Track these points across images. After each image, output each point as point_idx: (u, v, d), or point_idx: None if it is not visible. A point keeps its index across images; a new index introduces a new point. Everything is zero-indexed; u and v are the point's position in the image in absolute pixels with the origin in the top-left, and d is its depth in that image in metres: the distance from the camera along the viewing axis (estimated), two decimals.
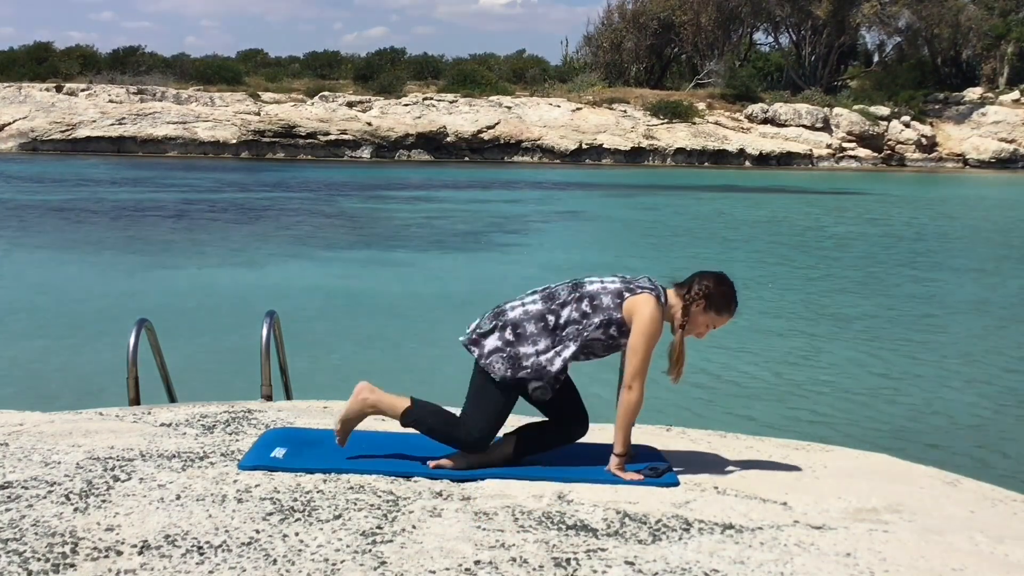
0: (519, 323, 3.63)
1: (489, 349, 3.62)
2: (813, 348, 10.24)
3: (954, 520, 3.35)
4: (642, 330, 3.57)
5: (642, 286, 3.65)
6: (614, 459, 3.63)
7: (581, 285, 3.69)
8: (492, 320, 3.68)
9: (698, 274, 3.72)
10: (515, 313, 3.66)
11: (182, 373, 6.07)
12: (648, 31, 54.59)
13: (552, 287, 3.74)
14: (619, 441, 3.62)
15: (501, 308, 3.72)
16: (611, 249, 18.17)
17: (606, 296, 3.62)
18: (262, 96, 42.87)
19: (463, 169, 38.11)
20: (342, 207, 23.50)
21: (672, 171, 40.40)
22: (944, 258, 17.60)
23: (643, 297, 3.60)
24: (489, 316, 3.71)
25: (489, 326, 3.66)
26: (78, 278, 13.46)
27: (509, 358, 3.60)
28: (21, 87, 40.93)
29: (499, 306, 3.75)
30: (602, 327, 3.61)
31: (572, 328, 3.61)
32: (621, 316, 3.60)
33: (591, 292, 3.65)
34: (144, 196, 24.32)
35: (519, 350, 3.60)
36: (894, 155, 47.35)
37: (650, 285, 3.67)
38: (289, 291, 12.34)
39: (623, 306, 3.60)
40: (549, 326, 3.62)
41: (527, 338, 3.61)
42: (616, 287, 3.64)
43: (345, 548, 2.86)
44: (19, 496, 3.15)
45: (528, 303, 3.68)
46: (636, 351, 3.57)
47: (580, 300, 3.63)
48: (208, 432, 4.05)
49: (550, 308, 3.64)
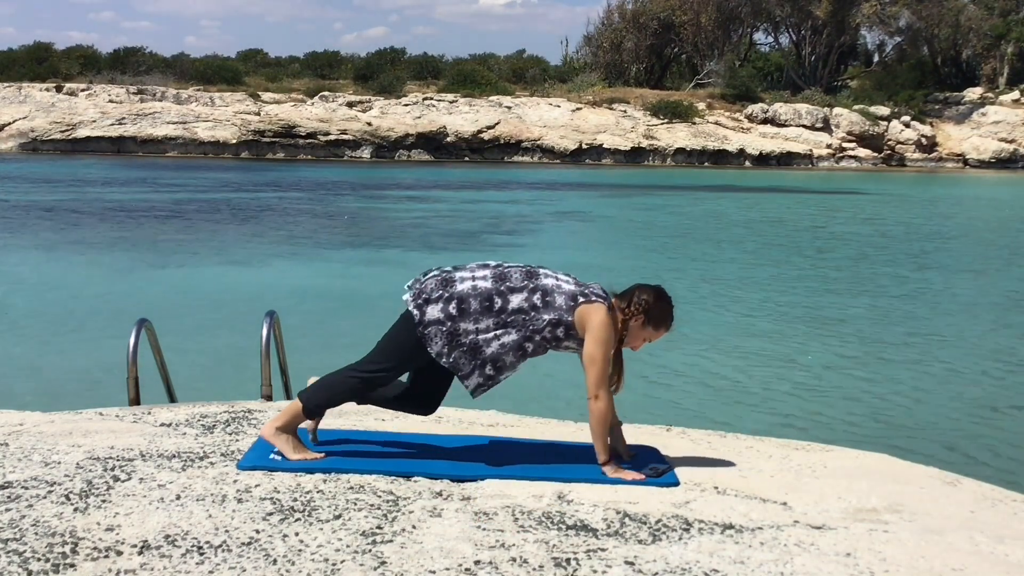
0: (465, 298, 3.58)
1: (430, 319, 3.57)
2: (813, 348, 10.23)
3: (954, 520, 3.35)
4: (597, 339, 3.55)
5: (596, 294, 3.64)
6: (605, 468, 3.62)
7: (536, 275, 3.65)
8: (439, 288, 3.62)
9: (637, 287, 3.71)
10: (463, 286, 3.61)
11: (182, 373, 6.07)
12: (648, 31, 54.60)
13: (505, 267, 3.69)
14: (600, 451, 3.63)
15: (450, 276, 3.66)
16: (610, 249, 18.17)
17: (560, 296, 3.60)
18: (262, 96, 42.89)
19: (463, 169, 38.11)
20: (342, 207, 23.50)
21: (672, 171, 40.41)
22: (943, 258, 17.60)
23: (596, 306, 3.59)
24: (437, 281, 3.65)
25: (436, 294, 3.61)
26: (78, 278, 13.46)
27: (448, 334, 3.56)
28: (21, 87, 40.94)
29: (448, 272, 3.68)
30: (550, 325, 3.58)
31: (519, 317, 3.58)
32: (572, 320, 3.58)
33: (546, 286, 3.61)
34: (144, 196, 24.32)
35: (460, 325, 3.57)
36: (894, 155, 47.36)
37: (602, 294, 3.66)
38: (289, 291, 12.34)
39: (576, 310, 3.58)
40: (495, 308, 3.58)
41: (470, 315, 3.57)
42: (571, 289, 3.62)
43: (345, 548, 2.86)
44: (19, 496, 3.15)
45: (479, 279, 3.63)
46: (594, 360, 3.55)
47: (534, 291, 3.60)
48: (208, 432, 4.05)
49: (499, 289, 3.60)
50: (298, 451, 3.66)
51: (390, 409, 3.90)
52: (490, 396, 3.77)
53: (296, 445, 3.67)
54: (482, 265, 3.71)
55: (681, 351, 9.87)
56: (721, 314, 11.86)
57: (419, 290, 3.64)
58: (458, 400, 4.92)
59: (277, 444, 3.66)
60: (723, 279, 14.50)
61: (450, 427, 4.37)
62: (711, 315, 11.80)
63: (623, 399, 3.85)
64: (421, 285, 3.66)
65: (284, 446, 3.65)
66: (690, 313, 11.96)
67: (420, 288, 3.65)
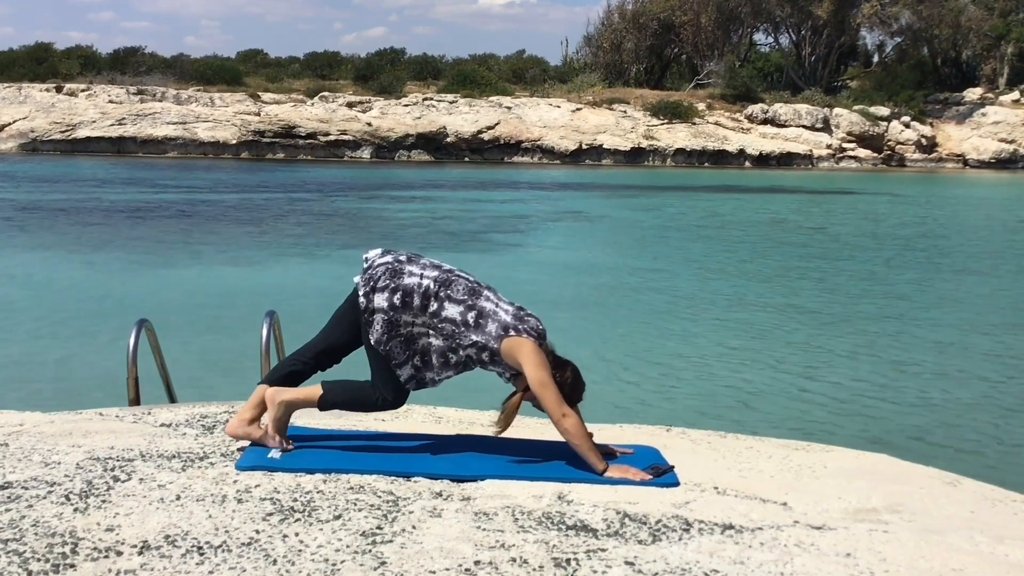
0: (410, 292, 3.63)
1: (376, 306, 3.64)
2: (813, 348, 10.23)
3: (954, 520, 3.34)
4: (535, 363, 3.55)
5: (528, 328, 3.62)
6: (607, 475, 3.60)
7: (479, 294, 3.66)
8: (387, 278, 3.66)
9: (562, 359, 3.69)
10: (409, 280, 3.65)
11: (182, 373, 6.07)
12: (648, 31, 54.62)
13: (455, 274, 3.71)
14: (593, 462, 3.61)
15: (400, 266, 3.69)
16: (610, 249, 18.16)
17: (493, 323, 3.60)
18: (262, 96, 42.88)
19: (463, 170, 38.10)
20: (342, 207, 23.50)
21: (672, 172, 40.41)
22: (943, 258, 17.59)
23: (524, 341, 3.58)
24: (388, 271, 3.68)
25: (382, 283, 3.65)
26: (78, 278, 13.46)
27: (388, 323, 3.62)
28: (21, 87, 40.92)
29: (399, 263, 3.71)
30: (474, 347, 3.61)
31: (449, 327, 3.62)
32: (498, 348, 3.59)
33: (483, 308, 3.63)
34: (144, 196, 24.32)
35: (401, 316, 3.63)
36: (894, 155, 47.37)
37: (536, 331, 3.63)
38: (289, 291, 12.34)
39: (503, 340, 3.58)
40: (429, 310, 3.62)
41: (411, 309, 3.63)
42: (506, 320, 3.61)
43: (345, 548, 2.86)
44: (19, 496, 3.15)
45: (426, 277, 3.66)
46: (544, 383, 3.54)
47: (470, 309, 3.62)
48: (208, 432, 4.05)
49: (438, 294, 3.63)
50: (278, 433, 3.73)
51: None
52: (490, 396, 3.77)
53: (283, 426, 3.76)
54: (434, 265, 3.74)
55: (682, 351, 9.88)
56: (721, 314, 11.86)
57: (369, 276, 3.71)
58: (458, 400, 4.93)
59: (273, 413, 3.72)
60: (723, 279, 14.50)
61: (450, 427, 4.37)
62: (711, 315, 11.81)
63: (624, 399, 3.85)
64: (372, 271, 3.71)
65: (275, 420, 3.73)
66: (690, 313, 11.97)
67: (371, 274, 3.71)
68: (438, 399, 4.59)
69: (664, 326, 11.17)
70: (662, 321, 11.45)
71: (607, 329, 10.99)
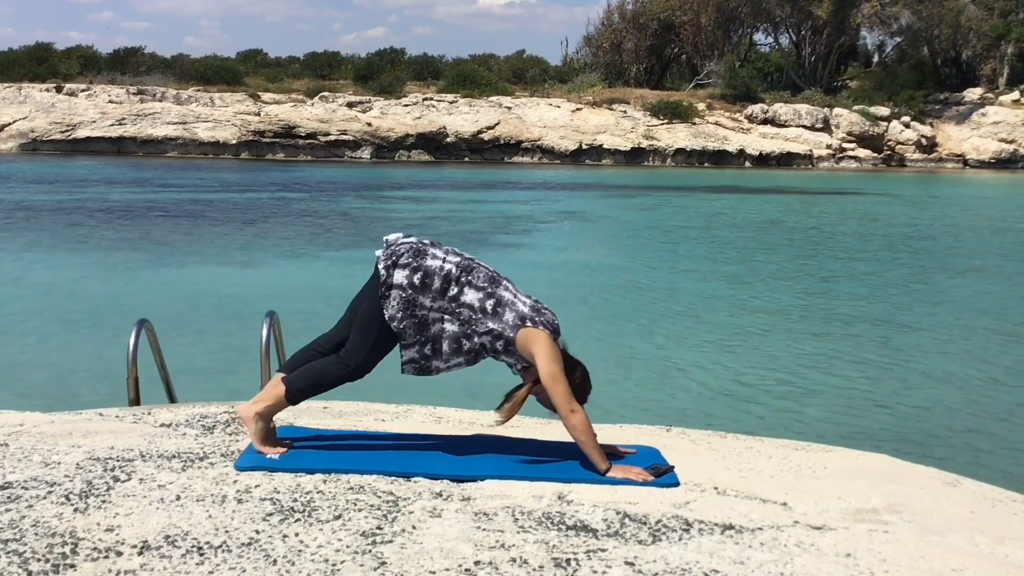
0: (431, 273, 3.63)
1: (395, 281, 3.63)
2: (813, 348, 10.23)
3: (954, 520, 3.34)
4: (549, 357, 3.56)
5: (545, 321, 3.64)
6: (609, 475, 3.60)
7: (498, 283, 3.68)
8: (410, 256, 3.66)
9: (574, 359, 3.71)
10: (432, 263, 3.65)
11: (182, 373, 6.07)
12: (648, 31, 54.62)
13: (475, 263, 3.73)
14: (597, 460, 3.61)
15: (423, 248, 3.70)
16: (610, 249, 18.17)
17: (511, 312, 3.61)
18: (262, 96, 42.88)
19: (463, 170, 38.11)
20: (342, 207, 23.50)
21: (672, 172, 40.41)
22: (944, 258, 17.59)
23: (540, 332, 3.59)
24: (411, 251, 3.69)
25: (405, 260, 3.65)
26: (78, 278, 13.46)
27: (406, 301, 3.62)
28: (21, 87, 40.92)
29: (423, 242, 3.73)
30: (490, 335, 3.61)
31: (466, 312, 3.62)
32: (513, 337, 3.59)
33: (502, 297, 3.64)
34: (144, 196, 24.32)
35: (418, 298, 3.62)
36: (894, 155, 47.38)
37: (551, 325, 3.65)
38: (289, 291, 12.34)
39: (520, 331, 3.59)
40: (449, 294, 3.62)
41: (430, 291, 3.62)
42: (523, 310, 3.63)
43: (345, 548, 2.86)
44: (19, 496, 3.15)
45: (448, 262, 3.67)
46: (555, 378, 3.55)
47: (489, 296, 3.63)
48: (208, 432, 4.05)
49: (459, 279, 3.63)
50: (264, 443, 3.69)
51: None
52: (490, 396, 3.77)
53: (264, 436, 3.71)
54: (456, 252, 3.76)
55: (682, 351, 9.88)
56: (721, 314, 11.86)
57: (392, 252, 3.70)
58: (458, 400, 4.93)
59: (250, 429, 3.69)
60: (723, 279, 14.50)
61: (450, 427, 4.37)
62: (711, 315, 11.80)
63: (624, 399, 3.85)
64: (395, 248, 3.71)
65: (255, 435, 3.69)
66: (691, 313, 11.97)
67: (393, 250, 3.70)
68: (438, 399, 4.60)
69: (664, 326, 11.17)
70: (662, 321, 11.46)
71: (607, 329, 10.99)
